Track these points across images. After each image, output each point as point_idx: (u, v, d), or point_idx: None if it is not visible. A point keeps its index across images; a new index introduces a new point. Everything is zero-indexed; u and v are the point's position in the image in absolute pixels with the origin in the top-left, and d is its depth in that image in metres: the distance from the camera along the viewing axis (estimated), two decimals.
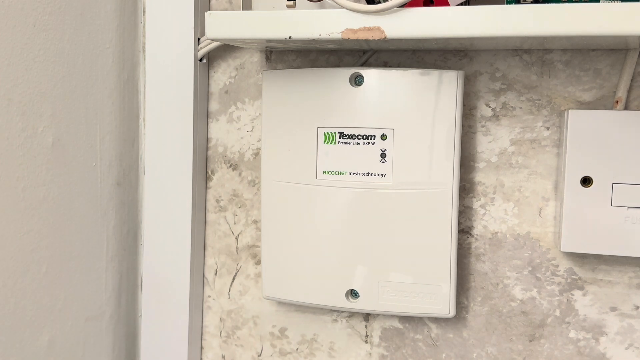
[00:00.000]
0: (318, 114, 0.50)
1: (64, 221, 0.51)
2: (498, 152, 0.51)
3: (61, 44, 0.49)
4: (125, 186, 0.58)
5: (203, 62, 0.56)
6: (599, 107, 0.49)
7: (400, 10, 0.41)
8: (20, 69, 0.46)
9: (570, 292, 0.51)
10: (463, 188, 0.52)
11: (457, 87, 0.47)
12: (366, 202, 0.50)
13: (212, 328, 0.60)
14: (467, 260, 0.53)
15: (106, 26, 0.54)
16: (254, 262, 0.58)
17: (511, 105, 0.50)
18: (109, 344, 0.58)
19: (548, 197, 0.50)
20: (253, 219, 0.58)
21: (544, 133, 0.50)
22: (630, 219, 0.46)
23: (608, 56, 0.48)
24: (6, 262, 0.46)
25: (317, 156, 0.51)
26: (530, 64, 0.50)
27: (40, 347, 0.49)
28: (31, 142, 0.47)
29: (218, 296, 0.59)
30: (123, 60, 0.57)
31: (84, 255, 0.54)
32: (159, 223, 0.57)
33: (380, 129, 0.49)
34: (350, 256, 0.51)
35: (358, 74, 0.49)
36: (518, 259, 0.51)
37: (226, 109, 0.57)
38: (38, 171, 0.48)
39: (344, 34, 0.42)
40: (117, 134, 0.56)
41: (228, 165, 0.58)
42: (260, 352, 0.59)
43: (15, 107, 0.45)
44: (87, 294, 0.54)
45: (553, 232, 0.50)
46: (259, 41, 0.47)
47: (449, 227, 0.48)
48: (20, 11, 0.45)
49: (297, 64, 0.55)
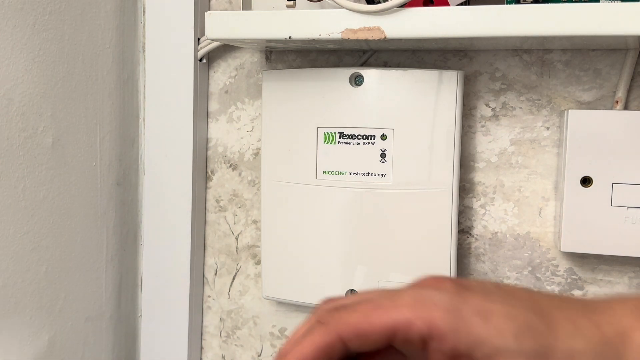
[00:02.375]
0: (318, 114, 0.50)
1: (64, 221, 0.51)
2: (498, 152, 0.51)
3: (61, 44, 0.49)
4: (125, 186, 0.58)
5: (203, 62, 0.56)
6: (599, 107, 0.49)
7: (400, 10, 0.41)
8: (20, 69, 0.46)
9: (570, 292, 0.51)
10: (463, 188, 0.52)
11: (457, 87, 0.47)
12: (366, 202, 0.50)
13: (212, 328, 0.60)
14: (467, 260, 0.53)
15: (106, 26, 0.54)
16: (254, 262, 0.58)
17: (511, 105, 0.50)
18: (109, 344, 0.58)
19: (548, 197, 0.50)
20: (253, 219, 0.58)
21: (544, 133, 0.50)
22: (630, 219, 0.46)
23: (608, 56, 0.48)
24: (6, 262, 0.46)
25: (317, 156, 0.51)
26: (530, 64, 0.50)
27: (40, 347, 0.49)
28: (31, 142, 0.47)
29: (218, 296, 0.59)
30: (123, 60, 0.57)
31: (84, 255, 0.54)
32: (159, 223, 0.57)
33: (380, 129, 0.49)
34: (350, 256, 0.51)
35: (358, 74, 0.49)
36: (518, 259, 0.51)
37: (226, 109, 0.57)
38: (38, 171, 0.48)
39: (344, 34, 0.42)
40: (117, 134, 0.56)
41: (228, 165, 0.58)
42: (260, 352, 0.59)
43: (15, 107, 0.45)
44: (87, 294, 0.54)
45: (553, 232, 0.50)
46: (259, 41, 0.47)
47: (449, 227, 0.48)
48: (20, 11, 0.45)
49: (297, 64, 0.55)
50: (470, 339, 0.29)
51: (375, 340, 0.30)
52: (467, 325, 0.29)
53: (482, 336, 0.29)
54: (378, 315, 0.30)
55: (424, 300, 0.30)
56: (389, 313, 0.30)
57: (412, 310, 0.30)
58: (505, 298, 0.31)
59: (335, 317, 0.30)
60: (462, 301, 0.30)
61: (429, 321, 0.29)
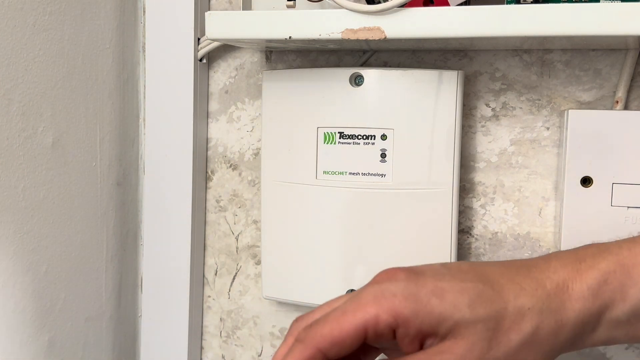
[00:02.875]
0: (318, 114, 0.50)
1: (64, 221, 0.51)
2: (498, 152, 0.51)
3: (61, 44, 0.49)
4: (125, 186, 0.58)
5: (203, 62, 0.56)
6: (599, 107, 0.49)
7: (400, 10, 0.41)
8: (20, 69, 0.46)
9: None
10: (463, 188, 0.52)
11: (457, 87, 0.47)
12: (366, 202, 0.50)
13: (212, 328, 0.60)
14: (467, 260, 0.53)
15: (106, 26, 0.54)
16: (254, 262, 0.58)
17: (511, 105, 0.50)
18: (109, 344, 0.58)
19: (548, 197, 0.50)
20: (253, 219, 0.58)
21: (544, 133, 0.50)
22: (630, 219, 0.46)
23: (608, 56, 0.48)
24: (6, 262, 0.46)
25: (317, 156, 0.51)
26: (530, 64, 0.50)
27: (40, 347, 0.49)
28: (31, 142, 0.47)
29: (218, 296, 0.59)
30: (123, 60, 0.57)
31: (84, 255, 0.54)
32: (159, 223, 0.57)
33: (380, 129, 0.49)
34: (350, 256, 0.51)
35: (358, 74, 0.49)
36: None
37: (226, 109, 0.57)
38: (38, 171, 0.48)
39: (344, 34, 0.42)
40: (117, 134, 0.56)
41: (228, 165, 0.58)
42: (260, 352, 0.59)
43: (15, 107, 0.45)
44: (87, 294, 0.54)
45: (553, 232, 0.50)
46: (259, 41, 0.47)
47: (449, 227, 0.48)
48: (20, 11, 0.45)
49: (297, 64, 0.55)
50: (432, 317, 0.32)
51: (351, 343, 0.32)
52: (426, 306, 0.32)
53: (441, 313, 0.32)
54: (347, 320, 0.32)
55: (383, 294, 0.33)
56: (355, 315, 0.32)
57: (375, 305, 0.32)
58: (454, 275, 0.34)
59: (310, 333, 0.33)
60: (417, 286, 0.33)
61: (393, 311, 0.32)
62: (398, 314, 0.32)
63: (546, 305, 0.33)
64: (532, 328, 0.32)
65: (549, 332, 0.33)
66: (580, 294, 0.33)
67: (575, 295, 0.33)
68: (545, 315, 0.33)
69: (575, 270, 0.34)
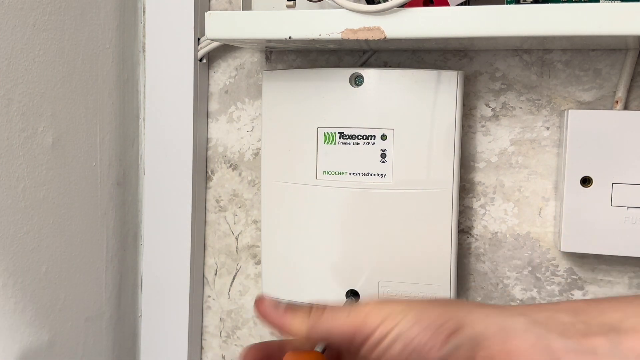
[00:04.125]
0: (318, 114, 0.50)
1: (64, 221, 0.51)
2: (498, 152, 0.51)
3: (61, 44, 0.49)
4: (125, 186, 0.58)
5: (203, 62, 0.56)
6: (599, 107, 0.49)
7: (400, 10, 0.41)
8: (20, 69, 0.46)
9: (570, 292, 0.51)
10: (463, 188, 0.52)
11: (457, 87, 0.47)
12: (366, 202, 0.50)
13: (212, 328, 0.60)
14: (467, 260, 0.53)
15: (106, 26, 0.54)
16: (254, 262, 0.58)
17: (511, 105, 0.50)
18: (109, 344, 0.58)
19: (548, 197, 0.50)
20: (253, 219, 0.58)
21: (544, 133, 0.50)
22: (630, 219, 0.46)
23: (608, 56, 0.48)
24: (6, 262, 0.46)
25: (317, 156, 0.51)
26: (530, 64, 0.50)
27: (40, 347, 0.49)
28: (31, 142, 0.47)
29: (218, 296, 0.59)
30: (123, 60, 0.57)
31: (84, 255, 0.54)
32: (159, 223, 0.57)
33: (380, 129, 0.49)
34: (351, 256, 0.51)
35: (358, 74, 0.49)
36: (518, 259, 0.51)
37: (226, 109, 0.57)
38: (38, 171, 0.48)
39: (344, 34, 0.42)
40: (117, 134, 0.56)
41: (228, 165, 0.58)
42: None
43: (15, 107, 0.45)
44: (87, 294, 0.54)
45: (553, 232, 0.50)
46: (259, 41, 0.47)
47: (449, 227, 0.48)
48: (20, 11, 0.45)
49: (297, 64, 0.55)
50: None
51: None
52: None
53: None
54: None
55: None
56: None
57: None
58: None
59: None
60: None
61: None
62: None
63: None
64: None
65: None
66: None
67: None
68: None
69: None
